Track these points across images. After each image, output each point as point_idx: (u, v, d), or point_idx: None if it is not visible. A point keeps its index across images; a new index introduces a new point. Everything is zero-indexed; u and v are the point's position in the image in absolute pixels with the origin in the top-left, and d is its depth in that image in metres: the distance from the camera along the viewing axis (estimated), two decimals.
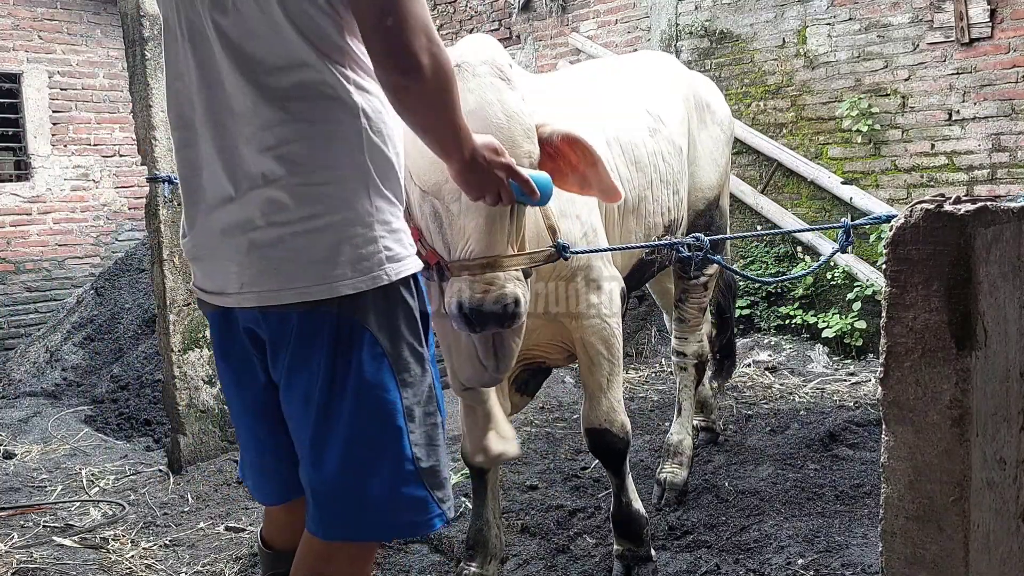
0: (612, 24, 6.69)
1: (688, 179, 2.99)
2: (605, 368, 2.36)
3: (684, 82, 3.08)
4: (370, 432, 1.42)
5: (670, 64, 3.16)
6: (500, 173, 1.48)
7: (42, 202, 6.90)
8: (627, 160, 2.55)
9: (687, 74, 3.17)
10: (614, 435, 2.40)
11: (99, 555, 2.94)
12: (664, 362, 5.33)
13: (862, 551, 2.57)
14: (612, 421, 2.39)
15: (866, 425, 3.76)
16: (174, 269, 3.68)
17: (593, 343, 2.33)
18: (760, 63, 5.80)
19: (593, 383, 2.39)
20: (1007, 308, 1.15)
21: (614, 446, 2.42)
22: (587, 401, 2.43)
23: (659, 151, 2.71)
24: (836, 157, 5.45)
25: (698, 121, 3.07)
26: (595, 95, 2.70)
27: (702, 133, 3.09)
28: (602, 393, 2.38)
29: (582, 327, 2.32)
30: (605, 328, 2.34)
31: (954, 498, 1.12)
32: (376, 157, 1.38)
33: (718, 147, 3.16)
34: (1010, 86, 4.74)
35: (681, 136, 2.90)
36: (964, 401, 1.11)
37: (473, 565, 2.48)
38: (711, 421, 3.74)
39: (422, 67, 1.29)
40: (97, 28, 7.21)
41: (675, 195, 2.81)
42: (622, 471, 2.49)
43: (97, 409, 4.99)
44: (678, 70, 3.15)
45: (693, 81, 3.16)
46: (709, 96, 3.19)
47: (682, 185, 2.87)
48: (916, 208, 1.14)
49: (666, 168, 2.74)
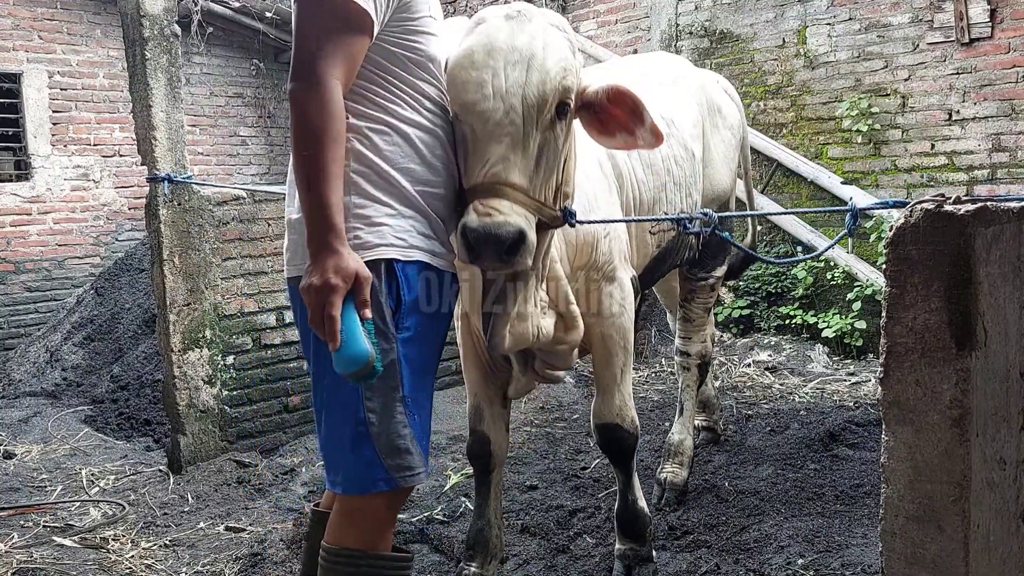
0: (612, 24, 6.69)
1: (703, 181, 3.00)
2: (620, 360, 2.37)
3: (697, 85, 3.08)
4: (337, 397, 1.62)
5: (683, 67, 3.15)
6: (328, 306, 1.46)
7: (42, 202, 6.89)
8: (643, 164, 2.58)
9: (700, 76, 3.17)
10: (625, 430, 2.41)
11: (99, 555, 2.94)
12: (664, 362, 5.33)
13: (862, 551, 2.57)
14: (624, 416, 2.41)
15: (866, 425, 3.77)
16: (174, 269, 3.68)
17: (612, 335, 2.34)
18: (760, 63, 5.80)
19: (608, 376, 2.39)
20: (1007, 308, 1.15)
21: (625, 442, 2.43)
22: (599, 396, 2.43)
23: (672, 155, 2.72)
24: (836, 157, 5.45)
25: (711, 125, 3.09)
26: None
27: (714, 136, 3.10)
28: (616, 387, 2.39)
29: (602, 321, 2.32)
30: (624, 319, 2.35)
31: (954, 498, 1.12)
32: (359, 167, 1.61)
33: (729, 150, 3.18)
34: (1010, 86, 4.74)
35: (694, 140, 2.91)
36: (964, 401, 1.11)
37: (473, 565, 2.48)
38: (713, 421, 3.74)
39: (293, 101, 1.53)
40: (97, 28, 7.20)
41: (688, 198, 2.82)
42: (630, 468, 2.50)
43: (97, 409, 4.99)
44: (691, 72, 3.14)
45: (706, 84, 3.15)
46: (720, 99, 3.20)
47: (695, 188, 2.89)
48: (916, 208, 1.14)
49: (679, 172, 2.76)
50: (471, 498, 3.22)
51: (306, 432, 4.07)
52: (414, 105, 1.67)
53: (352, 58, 1.55)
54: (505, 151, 1.68)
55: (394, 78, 1.65)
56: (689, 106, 2.96)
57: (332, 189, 1.48)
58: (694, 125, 2.94)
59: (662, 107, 2.80)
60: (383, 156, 1.62)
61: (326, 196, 1.48)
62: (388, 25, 1.62)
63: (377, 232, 1.60)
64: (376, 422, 1.59)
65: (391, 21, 1.62)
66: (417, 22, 1.66)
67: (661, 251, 2.76)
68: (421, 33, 1.67)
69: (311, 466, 3.68)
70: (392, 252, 1.60)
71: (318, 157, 1.48)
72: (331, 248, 1.47)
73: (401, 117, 1.65)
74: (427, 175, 1.67)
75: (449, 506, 3.19)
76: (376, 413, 1.59)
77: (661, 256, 2.78)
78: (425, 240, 1.66)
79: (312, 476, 3.55)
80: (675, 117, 2.83)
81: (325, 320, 1.45)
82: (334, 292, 1.45)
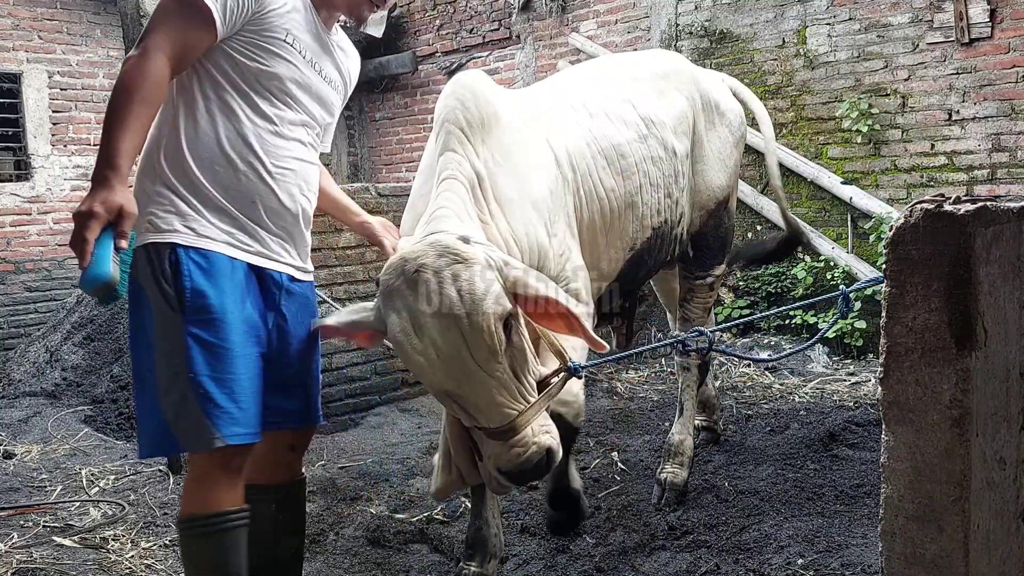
0: (612, 24, 6.69)
1: (696, 179, 3.00)
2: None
3: (690, 82, 3.05)
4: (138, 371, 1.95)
5: (676, 63, 3.12)
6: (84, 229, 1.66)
7: (42, 202, 6.90)
8: (612, 171, 2.60)
9: (695, 73, 3.13)
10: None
11: (99, 555, 2.94)
12: (664, 362, 5.33)
13: (862, 551, 2.57)
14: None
15: (866, 425, 3.76)
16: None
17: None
18: (760, 63, 5.80)
19: None
20: (1007, 308, 1.15)
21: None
22: None
23: (648, 156, 2.73)
24: (836, 157, 5.45)
25: (706, 122, 3.06)
26: (587, 97, 2.72)
27: (710, 134, 3.07)
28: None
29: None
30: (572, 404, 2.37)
31: (954, 498, 1.12)
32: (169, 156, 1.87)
33: (726, 148, 3.15)
34: (1010, 86, 4.74)
35: (679, 137, 2.90)
36: (964, 401, 1.11)
37: (473, 565, 2.48)
38: (713, 421, 3.73)
39: (122, 65, 1.76)
40: (97, 28, 7.21)
41: (667, 198, 2.82)
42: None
43: (97, 409, 4.99)
44: (684, 69, 3.10)
45: (702, 81, 3.12)
46: (719, 97, 3.16)
47: (676, 187, 2.87)
48: (916, 208, 1.14)
49: (656, 172, 2.76)
50: (470, 498, 3.22)
51: None
52: (245, 112, 1.88)
53: (186, 43, 1.78)
54: (491, 401, 1.82)
55: (231, 86, 1.87)
56: (676, 101, 2.94)
57: (127, 137, 1.70)
58: (679, 121, 2.91)
59: (643, 104, 2.81)
60: (191, 150, 1.86)
61: (118, 141, 1.69)
62: (240, 36, 1.85)
63: (167, 220, 1.86)
64: (162, 395, 1.83)
65: (244, 33, 1.84)
66: (268, 41, 1.87)
67: (636, 253, 2.76)
68: (270, 52, 1.88)
69: (311, 466, 3.69)
70: (178, 238, 1.83)
71: (122, 109, 1.70)
72: (106, 182, 1.68)
73: (218, 119, 1.87)
74: (230, 175, 1.87)
75: (449, 506, 3.19)
76: (161, 387, 1.83)
77: (637, 258, 2.78)
78: (217, 230, 1.86)
79: (311, 476, 3.55)
80: (656, 114, 2.82)
81: (79, 242, 1.65)
82: (94, 218, 1.64)
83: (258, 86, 1.89)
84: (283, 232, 1.98)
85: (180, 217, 1.85)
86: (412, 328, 1.78)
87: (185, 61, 1.81)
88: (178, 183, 1.86)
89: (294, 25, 1.91)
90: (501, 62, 7.47)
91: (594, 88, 2.80)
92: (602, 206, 2.56)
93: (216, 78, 1.87)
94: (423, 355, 1.78)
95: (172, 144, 1.87)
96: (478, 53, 7.68)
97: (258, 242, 1.92)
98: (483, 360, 1.79)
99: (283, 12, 1.88)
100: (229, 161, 1.87)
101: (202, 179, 1.86)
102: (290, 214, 1.98)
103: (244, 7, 1.82)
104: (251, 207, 1.90)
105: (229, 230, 1.88)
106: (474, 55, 7.71)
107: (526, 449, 1.81)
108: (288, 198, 1.95)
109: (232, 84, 1.87)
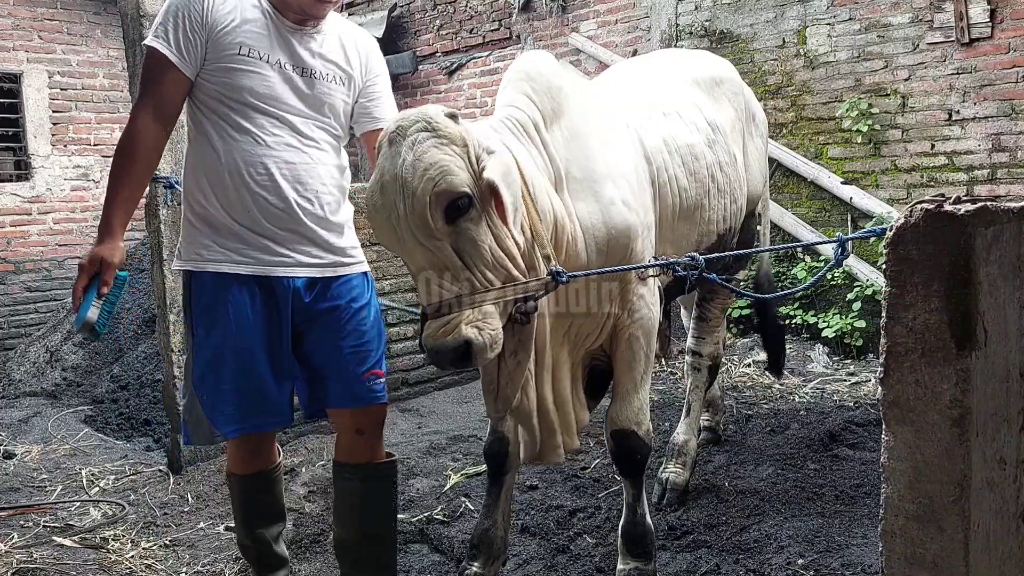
0: (612, 24, 6.69)
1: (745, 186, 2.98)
2: (643, 363, 2.32)
3: (739, 91, 3.06)
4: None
5: (727, 71, 3.11)
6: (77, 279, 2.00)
7: (42, 202, 6.90)
8: (687, 171, 2.53)
9: (740, 82, 3.14)
10: (640, 439, 2.32)
11: (99, 555, 2.94)
12: (664, 362, 5.33)
13: (862, 551, 2.57)
14: (640, 423, 2.32)
15: (866, 425, 3.76)
16: (174, 269, 3.68)
17: (638, 337, 2.29)
18: (760, 63, 5.80)
19: (629, 380, 2.32)
20: (1007, 308, 1.15)
21: (639, 452, 2.33)
22: (616, 401, 2.34)
23: (717, 162, 2.69)
24: (836, 157, 5.45)
25: (747, 132, 3.06)
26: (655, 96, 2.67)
27: (749, 144, 3.07)
28: (635, 391, 2.32)
29: (632, 321, 2.28)
30: (651, 319, 2.31)
31: (954, 498, 1.12)
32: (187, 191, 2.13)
33: (762, 158, 3.19)
34: (1010, 86, 4.74)
35: (737, 144, 2.90)
36: (964, 401, 1.11)
37: (476, 565, 2.46)
38: (715, 422, 3.73)
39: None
40: (97, 28, 7.21)
41: (733, 204, 2.79)
42: (640, 480, 2.39)
43: (97, 409, 4.99)
44: (735, 78, 3.11)
45: (745, 90, 3.13)
46: (755, 106, 3.19)
47: (740, 193, 2.86)
48: (916, 208, 1.14)
49: (724, 178, 2.72)
50: (471, 498, 3.22)
51: (306, 432, 4.07)
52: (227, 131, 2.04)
53: (163, 93, 2.02)
54: (427, 276, 1.83)
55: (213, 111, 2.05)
56: (727, 108, 2.94)
57: (116, 192, 1.99)
58: (733, 129, 2.91)
59: (707, 109, 2.78)
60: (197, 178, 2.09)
61: (109, 196, 2.00)
62: (207, 64, 2.01)
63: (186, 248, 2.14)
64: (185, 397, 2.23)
65: (207, 60, 2.01)
66: (225, 59, 2.01)
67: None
68: (231, 69, 2.01)
69: (311, 466, 3.68)
70: (191, 265, 2.11)
71: (113, 167, 2.01)
72: (99, 237, 2.00)
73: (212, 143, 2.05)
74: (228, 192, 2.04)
75: (449, 506, 3.19)
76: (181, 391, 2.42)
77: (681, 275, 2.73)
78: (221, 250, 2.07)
79: (312, 476, 3.55)
80: (718, 120, 2.80)
81: (72, 291, 2.00)
82: (82, 270, 1.98)
83: (231, 102, 2.03)
84: (293, 233, 2.09)
85: (193, 244, 2.10)
86: (374, 183, 1.82)
87: (172, 106, 2.05)
88: (193, 210, 2.10)
89: (247, 36, 2.02)
90: (501, 62, 7.46)
91: (660, 87, 2.76)
92: (674, 203, 2.48)
93: (203, 108, 2.06)
94: (377, 211, 1.82)
95: (188, 176, 2.11)
96: (478, 53, 7.67)
97: (265, 252, 2.07)
98: (416, 229, 1.77)
99: (232, 28, 2.01)
100: (223, 180, 2.04)
101: (205, 203, 2.06)
102: (289, 215, 2.07)
103: (194, 39, 1.99)
104: (249, 216, 2.05)
105: (235, 246, 2.06)
106: (474, 55, 7.71)
107: (446, 333, 1.78)
108: (279, 200, 2.05)
109: (213, 109, 2.05)
